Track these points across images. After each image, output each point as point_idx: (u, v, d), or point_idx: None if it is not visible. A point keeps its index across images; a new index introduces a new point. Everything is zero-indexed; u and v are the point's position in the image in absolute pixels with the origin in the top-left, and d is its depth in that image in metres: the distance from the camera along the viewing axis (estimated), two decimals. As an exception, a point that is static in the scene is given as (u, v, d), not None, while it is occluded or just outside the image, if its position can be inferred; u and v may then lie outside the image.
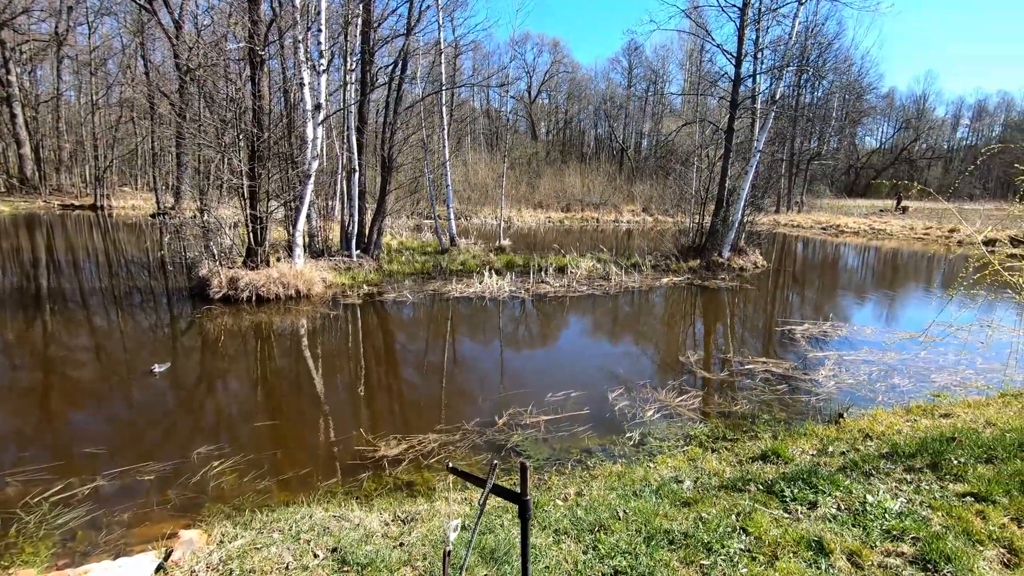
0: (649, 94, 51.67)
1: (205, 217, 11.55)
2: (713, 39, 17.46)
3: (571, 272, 14.23)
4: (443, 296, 11.64)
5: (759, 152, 15.79)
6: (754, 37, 16.07)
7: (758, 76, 16.32)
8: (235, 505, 3.98)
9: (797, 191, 41.58)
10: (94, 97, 32.43)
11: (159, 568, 2.96)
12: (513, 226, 28.56)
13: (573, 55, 66.88)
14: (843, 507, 3.56)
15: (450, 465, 2.03)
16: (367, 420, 5.74)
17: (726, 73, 18.06)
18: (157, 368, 6.80)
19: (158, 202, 26.31)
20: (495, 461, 1.97)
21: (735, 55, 15.74)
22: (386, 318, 10.30)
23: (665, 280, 14.14)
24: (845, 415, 5.58)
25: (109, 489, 4.21)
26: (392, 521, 3.53)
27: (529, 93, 53.14)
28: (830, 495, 3.69)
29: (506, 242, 19.22)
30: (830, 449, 4.58)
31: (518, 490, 1.86)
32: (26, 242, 18.85)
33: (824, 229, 31.40)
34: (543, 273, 14.02)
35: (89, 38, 33.27)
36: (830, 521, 3.40)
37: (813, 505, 3.59)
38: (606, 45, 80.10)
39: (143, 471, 4.46)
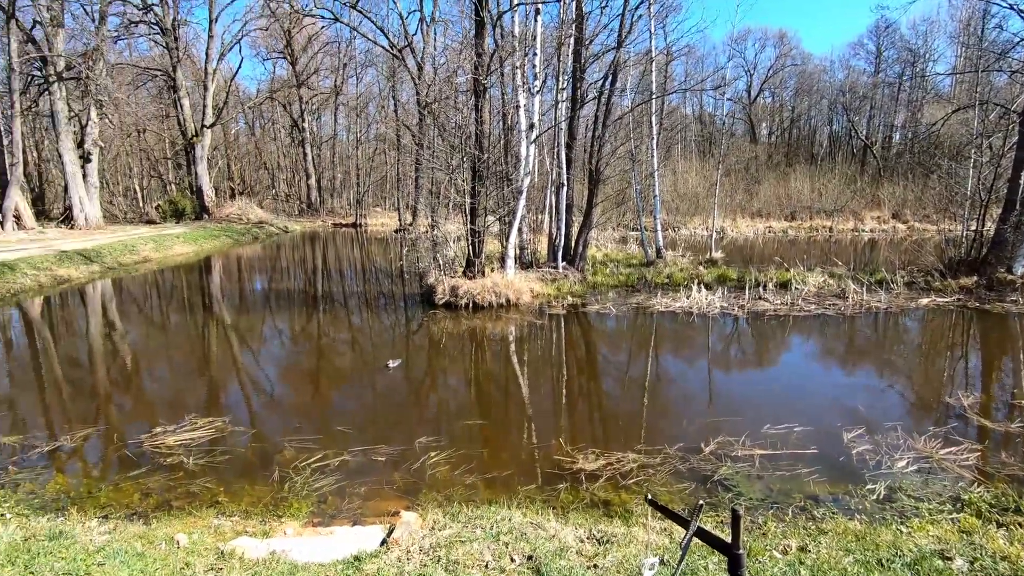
0: (904, 79, 43.41)
1: (434, 232, 13.11)
2: None
3: (795, 288, 12.59)
4: (647, 310, 11.29)
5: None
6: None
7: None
8: (447, 495, 4.34)
9: None
10: (358, 134, 39.56)
11: (383, 542, 3.36)
12: (727, 237, 26.53)
13: (803, 45, 59.84)
14: None
15: (649, 496, 1.88)
16: (567, 430, 5.80)
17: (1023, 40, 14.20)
18: (391, 363, 7.85)
19: (400, 219, 30.83)
20: (700, 503, 1.75)
21: (1038, 15, 12.27)
22: (589, 329, 10.37)
23: (924, 301, 11.61)
24: None
25: (353, 464, 4.95)
26: (587, 539, 3.47)
27: (749, 93, 49.03)
28: None
29: (718, 254, 17.90)
30: None
31: (727, 537, 1.63)
32: (309, 253, 23.77)
33: None
34: (761, 289, 12.67)
35: (356, 87, 40.65)
36: None
37: None
38: (844, 30, 69.73)
39: (378, 452, 5.15)
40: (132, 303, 13.23)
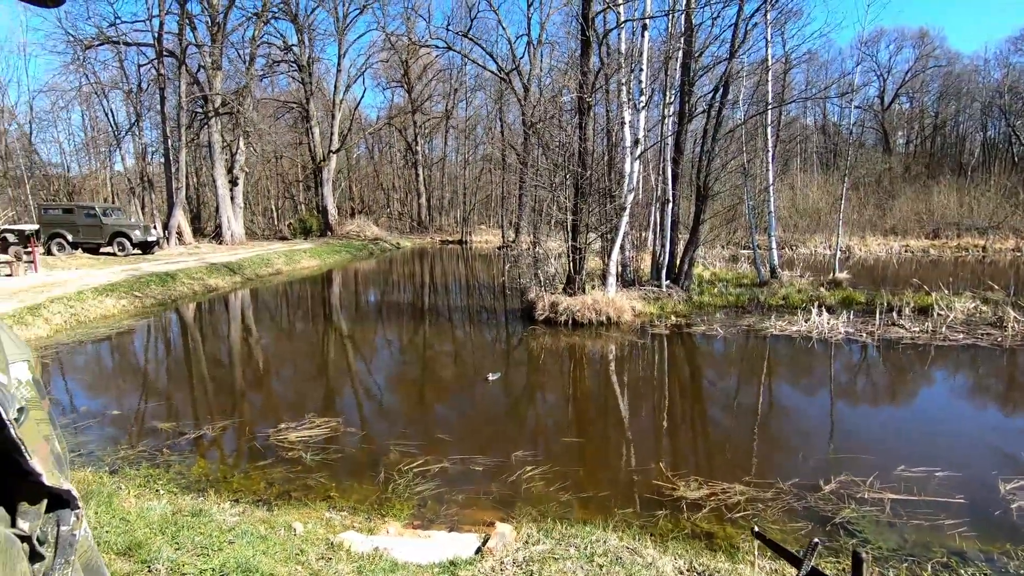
0: (1082, 75, 37.29)
1: (536, 249, 13.28)
2: None
3: (938, 315, 11.14)
4: (759, 333, 10.56)
5: None
6: None
7: None
8: (541, 511, 4.33)
9: None
10: (466, 155, 41.35)
11: (478, 550, 3.42)
12: (853, 256, 24.20)
13: (948, 44, 53.51)
14: None
15: (756, 529, 1.75)
16: (668, 455, 5.56)
17: None
18: (491, 376, 8.01)
19: (503, 236, 31.62)
20: (815, 541, 1.60)
21: None
22: (694, 351, 9.90)
23: (1111, 334, 9.76)
24: None
25: (452, 472, 5.10)
26: (687, 570, 3.28)
27: (881, 100, 44.68)
28: None
29: (843, 275, 16.36)
30: None
31: (848, 585, 1.47)
32: (418, 268, 25.08)
33: None
34: (895, 314, 11.37)
35: (466, 110, 42.58)
36: None
37: None
38: (1000, 24, 61.39)
39: (476, 462, 5.26)
40: (265, 310, 14.74)
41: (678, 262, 14.46)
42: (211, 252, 22.54)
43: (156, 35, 24.82)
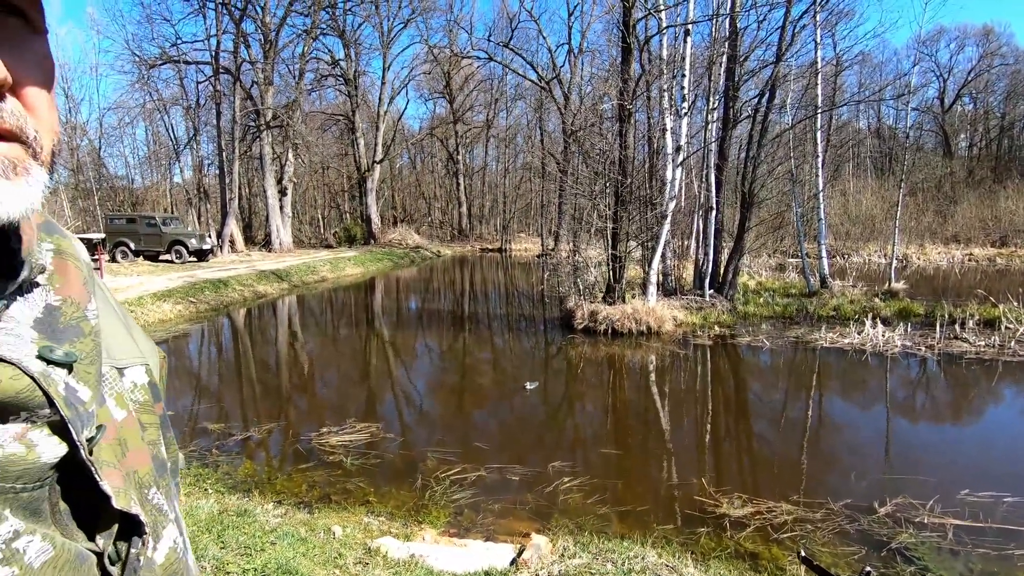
0: None
1: (575, 257, 13.19)
2: None
3: (1006, 328, 10.45)
4: (808, 345, 10.15)
5: None
6: None
7: None
8: (578, 523, 4.26)
9: None
10: (506, 164, 41.63)
11: (513, 561, 3.39)
12: (911, 265, 23.03)
13: (1016, 41, 50.52)
14: None
15: (803, 553, 1.67)
16: (710, 470, 5.39)
17: None
18: (529, 386, 7.98)
19: (543, 244, 31.58)
20: (868, 567, 1.52)
21: None
22: (738, 363, 9.61)
23: None
24: None
25: (489, 481, 5.09)
26: (730, 592, 3.16)
27: (942, 101, 42.51)
28: None
29: (900, 285, 15.58)
30: None
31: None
32: (458, 276, 25.34)
33: None
34: (957, 326, 10.72)
35: (506, 119, 42.92)
36: None
37: None
38: (1079, 16, 57.45)
39: (513, 472, 5.24)
40: (311, 317, 15.17)
41: (722, 271, 14.08)
42: (261, 260, 23.41)
43: (213, 53, 26.13)
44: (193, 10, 26.64)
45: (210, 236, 23.51)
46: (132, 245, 20.37)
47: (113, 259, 19.82)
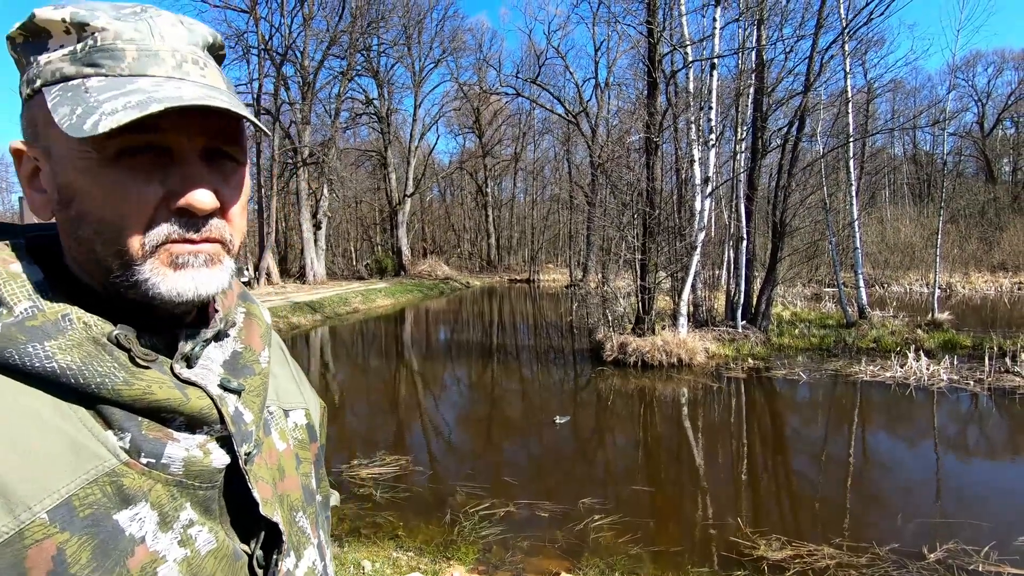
0: None
1: (604, 288, 13.15)
2: None
3: (1063, 361, 9.91)
4: (847, 378, 9.81)
5: None
6: None
7: None
8: (609, 563, 4.16)
9: None
10: (534, 196, 42.11)
11: (544, 602, 3.32)
12: (955, 295, 22.17)
13: (1058, 63, 48.99)
14: None
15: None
16: (747, 509, 5.21)
17: None
18: (559, 420, 7.89)
19: (571, 275, 31.59)
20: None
21: None
22: (774, 397, 9.33)
23: None
24: None
25: (518, 516, 5.03)
26: (770, 641, 3.03)
27: (981, 126, 41.46)
28: None
29: (944, 315, 14.98)
30: None
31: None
32: (487, 307, 25.47)
33: None
34: (1008, 359, 10.22)
35: (534, 152, 43.63)
36: None
37: None
38: (1125, 37, 55.66)
39: (542, 508, 5.16)
40: (342, 348, 15.41)
41: (754, 301, 13.82)
42: (295, 292, 24.01)
43: (255, 95, 27.48)
44: (237, 56, 28.19)
45: (248, 269, 24.30)
46: (175, 278, 21.12)
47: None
